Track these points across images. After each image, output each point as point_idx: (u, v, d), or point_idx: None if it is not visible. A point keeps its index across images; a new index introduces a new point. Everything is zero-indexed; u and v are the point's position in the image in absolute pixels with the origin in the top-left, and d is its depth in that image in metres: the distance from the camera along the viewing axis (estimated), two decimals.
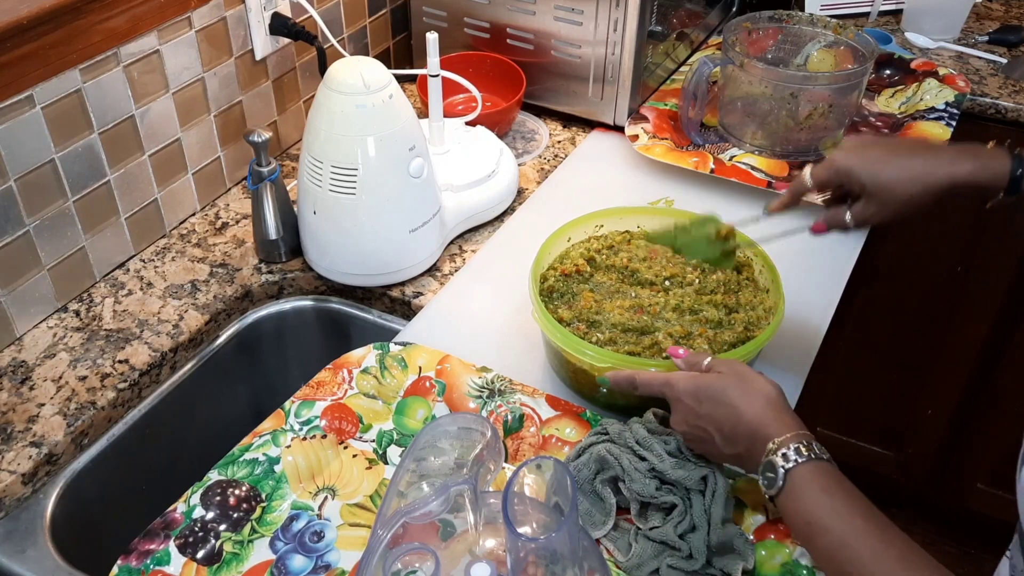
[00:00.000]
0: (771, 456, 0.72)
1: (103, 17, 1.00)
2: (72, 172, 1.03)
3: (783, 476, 0.70)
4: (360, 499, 0.86)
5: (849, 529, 0.67)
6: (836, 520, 0.68)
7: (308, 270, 1.15)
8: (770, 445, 0.72)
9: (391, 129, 1.03)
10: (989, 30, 1.65)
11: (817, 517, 0.69)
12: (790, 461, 0.71)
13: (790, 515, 0.71)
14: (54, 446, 0.92)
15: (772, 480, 0.71)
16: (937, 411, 1.87)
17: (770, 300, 0.97)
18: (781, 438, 0.72)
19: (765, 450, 0.72)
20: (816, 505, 0.69)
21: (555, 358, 0.96)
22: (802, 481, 0.70)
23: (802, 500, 0.70)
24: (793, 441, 0.71)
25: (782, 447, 0.71)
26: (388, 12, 1.49)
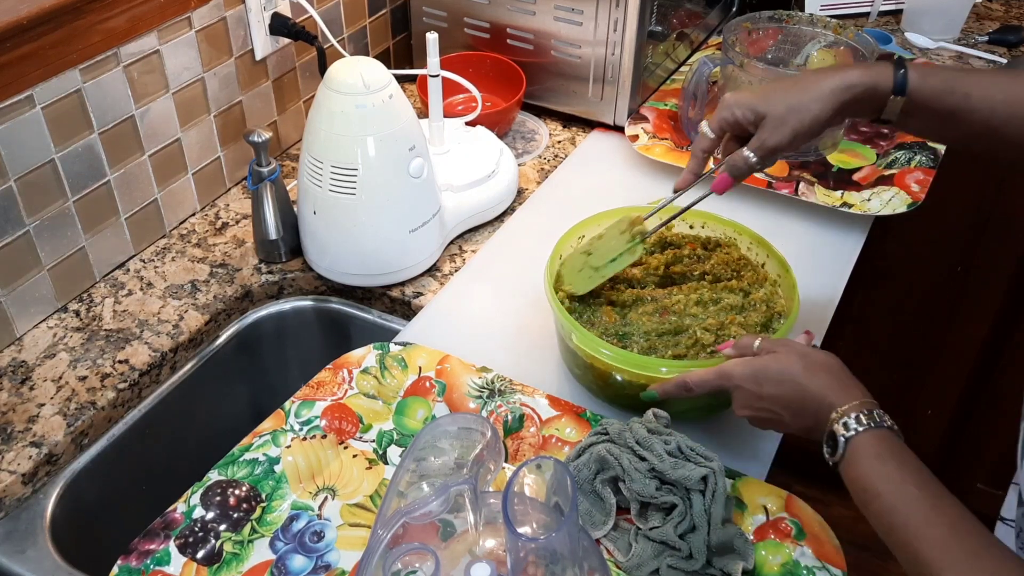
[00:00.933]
0: (833, 426, 0.73)
1: (103, 17, 1.00)
2: (72, 172, 1.03)
3: (843, 445, 0.71)
4: (360, 499, 0.86)
5: (901, 494, 0.68)
6: (888, 485, 0.69)
7: (308, 270, 1.15)
8: (833, 415, 0.73)
9: (391, 129, 1.03)
10: (989, 30, 1.65)
11: (871, 483, 0.69)
12: (851, 430, 0.72)
13: (849, 482, 0.72)
14: (54, 446, 0.92)
15: (833, 449, 0.72)
16: (937, 411, 1.87)
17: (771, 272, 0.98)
18: (844, 407, 0.73)
19: (828, 419, 0.73)
20: (871, 471, 0.70)
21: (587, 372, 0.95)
22: (860, 448, 0.71)
23: (859, 467, 0.71)
24: (855, 410, 0.73)
25: (844, 416, 0.72)
26: (388, 12, 1.49)
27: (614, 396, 0.94)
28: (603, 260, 0.97)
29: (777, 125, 0.84)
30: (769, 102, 0.84)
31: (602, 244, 0.99)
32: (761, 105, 0.85)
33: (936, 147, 1.29)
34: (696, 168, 0.91)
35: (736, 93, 0.87)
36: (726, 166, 0.88)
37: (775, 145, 0.85)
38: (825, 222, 1.22)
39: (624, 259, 0.96)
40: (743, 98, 0.86)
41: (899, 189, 1.22)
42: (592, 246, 0.99)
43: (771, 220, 1.03)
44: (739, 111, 0.86)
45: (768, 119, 0.84)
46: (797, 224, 1.21)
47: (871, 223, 1.23)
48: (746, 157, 0.86)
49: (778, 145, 0.85)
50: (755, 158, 0.86)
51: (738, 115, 0.86)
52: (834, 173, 1.28)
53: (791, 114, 0.83)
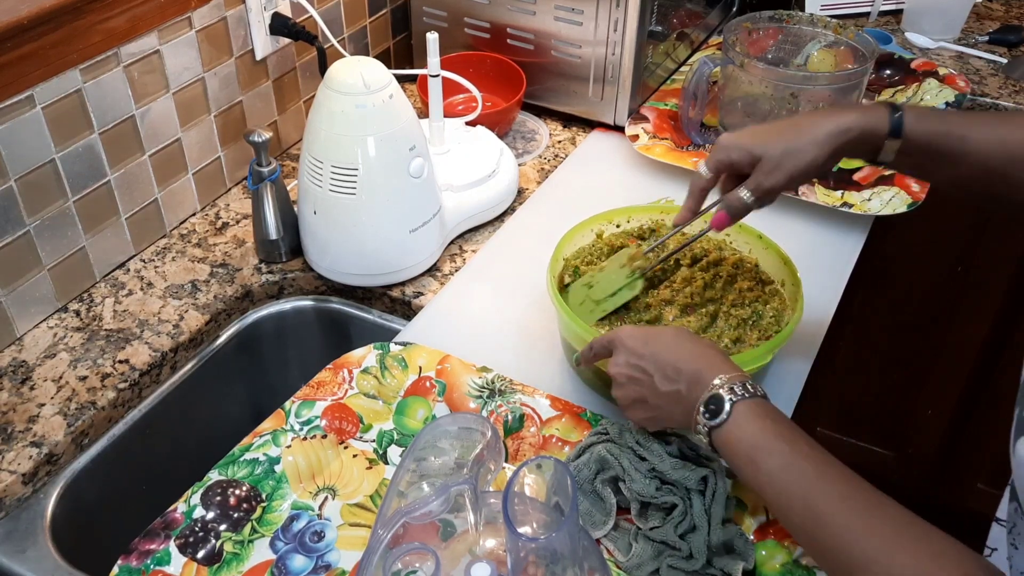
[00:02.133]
0: (718, 390, 0.74)
1: (103, 17, 1.00)
2: (72, 172, 1.03)
3: (729, 407, 0.73)
4: (360, 499, 0.86)
5: (795, 452, 0.70)
6: (782, 444, 0.70)
7: (308, 270, 1.15)
8: (716, 381, 0.75)
9: (391, 129, 1.03)
10: (989, 30, 1.65)
11: (763, 442, 0.71)
12: (737, 395, 0.73)
13: (733, 443, 0.73)
14: (54, 446, 0.92)
15: (716, 411, 0.74)
16: (937, 411, 1.87)
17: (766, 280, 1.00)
18: (728, 376, 0.75)
19: (710, 386, 0.75)
20: (762, 431, 0.72)
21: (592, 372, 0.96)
22: (748, 411, 0.73)
23: (747, 427, 0.72)
24: (739, 380, 0.75)
25: (729, 383, 0.74)
26: (388, 12, 1.49)
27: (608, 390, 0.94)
28: (604, 294, 0.97)
29: (773, 169, 0.85)
30: (765, 145, 0.85)
31: (603, 277, 0.99)
32: (757, 148, 0.86)
33: None
34: (694, 206, 0.92)
35: (732, 134, 0.88)
36: (723, 205, 0.90)
37: (771, 187, 0.86)
38: (825, 222, 1.22)
39: (624, 294, 0.97)
40: (740, 140, 0.87)
41: (899, 189, 1.22)
42: (593, 279, 0.99)
43: (771, 220, 1.03)
44: (735, 154, 0.87)
45: (764, 162, 0.85)
46: (797, 224, 1.21)
47: (871, 223, 1.23)
48: (742, 198, 0.87)
49: (774, 187, 0.86)
50: (751, 199, 0.87)
51: (734, 157, 0.87)
52: (834, 173, 1.28)
53: (787, 158, 0.84)
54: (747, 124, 1.31)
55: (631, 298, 0.97)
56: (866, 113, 0.85)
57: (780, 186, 0.86)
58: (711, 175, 0.90)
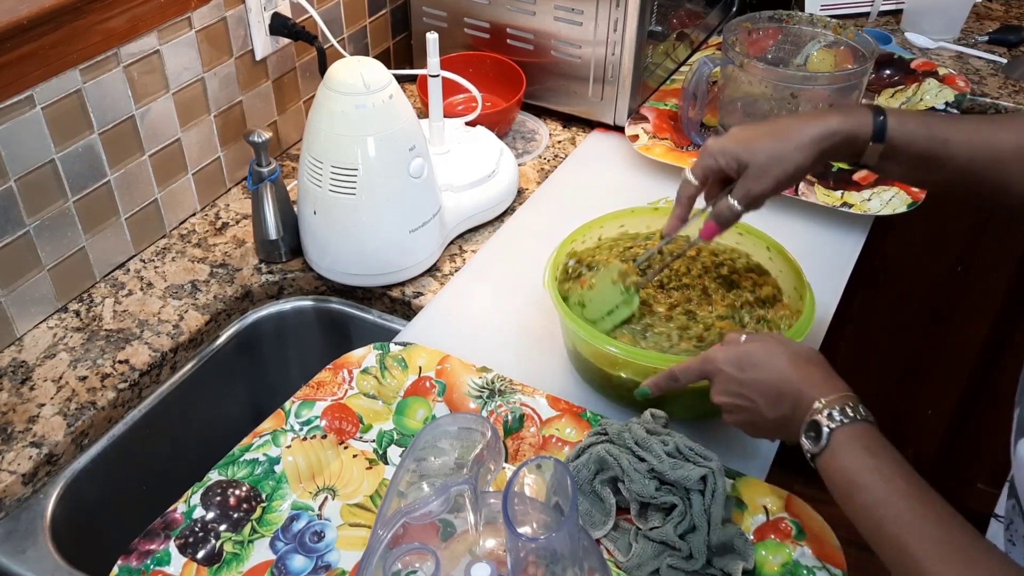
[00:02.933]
0: (816, 416, 0.72)
1: (103, 17, 1.00)
2: (72, 172, 1.03)
3: (827, 436, 0.71)
4: (360, 499, 0.86)
5: (890, 487, 0.68)
6: (878, 478, 0.68)
7: (308, 270, 1.15)
8: (816, 405, 0.73)
9: (391, 129, 1.03)
10: (989, 30, 1.65)
11: (858, 475, 0.69)
12: (835, 421, 0.71)
13: (831, 473, 0.71)
14: (54, 446, 0.92)
15: (815, 439, 0.72)
16: (937, 411, 1.87)
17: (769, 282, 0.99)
18: (828, 398, 0.73)
19: (811, 410, 0.73)
20: (858, 463, 0.70)
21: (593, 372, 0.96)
22: (846, 440, 0.71)
23: (845, 458, 0.70)
24: (839, 402, 0.72)
25: (829, 407, 0.72)
26: (388, 12, 1.49)
27: (621, 394, 0.94)
28: (599, 313, 0.95)
29: (760, 175, 0.85)
30: (751, 151, 0.85)
31: (595, 296, 0.97)
32: (744, 154, 0.85)
33: None
34: (682, 214, 0.92)
35: (718, 140, 0.88)
36: (712, 214, 0.89)
37: (759, 193, 0.86)
38: (825, 222, 1.22)
39: (621, 311, 0.95)
40: (726, 146, 0.87)
41: (899, 189, 1.22)
42: (584, 297, 0.97)
43: (771, 220, 1.03)
44: (722, 159, 0.87)
45: (751, 168, 0.85)
46: (797, 224, 1.21)
47: (871, 223, 1.23)
48: (731, 205, 0.87)
49: (762, 193, 0.86)
50: (740, 206, 0.87)
51: (721, 163, 0.87)
52: (834, 173, 1.28)
53: (773, 163, 0.84)
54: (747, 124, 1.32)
55: (629, 315, 0.95)
56: (849, 116, 0.85)
57: (768, 192, 0.85)
58: (698, 182, 0.89)
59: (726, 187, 0.89)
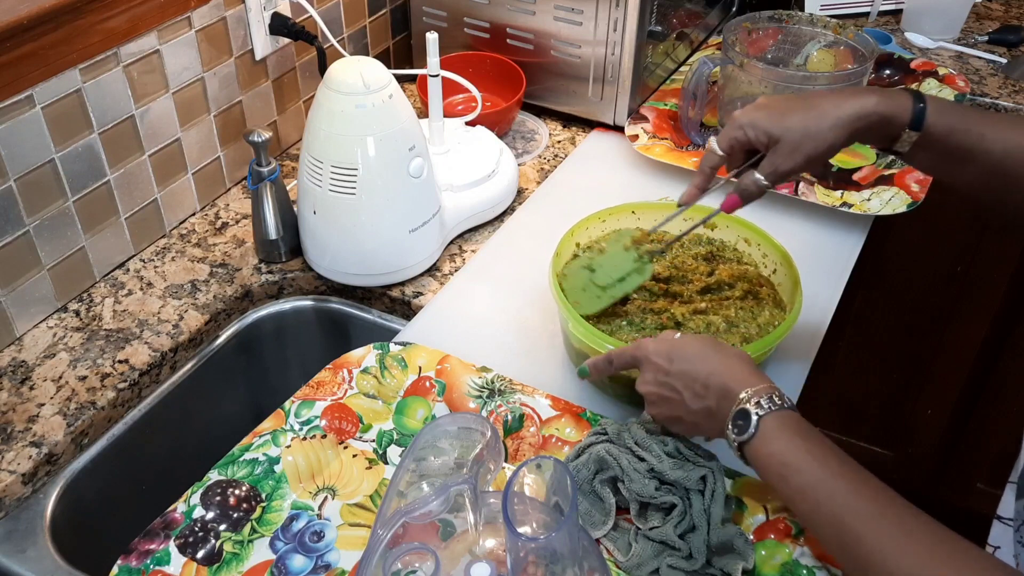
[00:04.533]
0: (744, 404, 0.73)
1: (103, 17, 1.00)
2: (72, 172, 1.03)
3: (756, 423, 0.72)
4: (360, 499, 0.86)
5: (824, 468, 0.69)
6: (811, 460, 0.69)
7: (308, 270, 1.15)
8: (743, 395, 0.74)
9: (391, 129, 1.03)
10: (989, 30, 1.65)
11: (792, 458, 0.70)
12: (763, 408, 0.72)
13: (762, 458, 0.72)
14: (54, 446, 0.92)
15: (744, 427, 0.73)
16: (937, 411, 1.87)
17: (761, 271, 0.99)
18: (755, 388, 0.74)
19: (737, 400, 0.74)
20: (790, 447, 0.71)
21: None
22: (775, 425, 0.72)
23: (776, 443, 0.71)
24: (766, 392, 0.73)
25: (756, 396, 0.73)
26: (388, 12, 1.49)
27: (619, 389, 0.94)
28: (610, 279, 0.94)
29: (791, 151, 0.82)
30: (784, 127, 0.82)
31: (606, 260, 0.95)
32: (775, 129, 0.83)
33: None
34: (702, 184, 0.90)
35: (748, 112, 0.85)
36: (736, 188, 0.87)
37: (788, 170, 0.83)
38: (825, 222, 1.22)
39: (633, 279, 0.94)
40: (756, 118, 0.84)
41: (899, 189, 1.22)
42: (594, 261, 0.95)
43: (771, 220, 1.03)
44: (752, 132, 0.84)
45: (782, 144, 0.83)
46: (797, 224, 1.21)
47: (871, 223, 1.23)
48: (757, 180, 0.85)
49: (791, 170, 0.83)
50: (766, 182, 0.85)
51: (751, 136, 0.84)
52: (834, 173, 1.28)
53: (806, 140, 0.82)
54: None
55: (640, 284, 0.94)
56: (889, 98, 0.82)
57: (797, 169, 0.83)
58: (724, 154, 0.87)
59: (749, 158, 0.87)
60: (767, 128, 0.83)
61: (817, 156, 0.83)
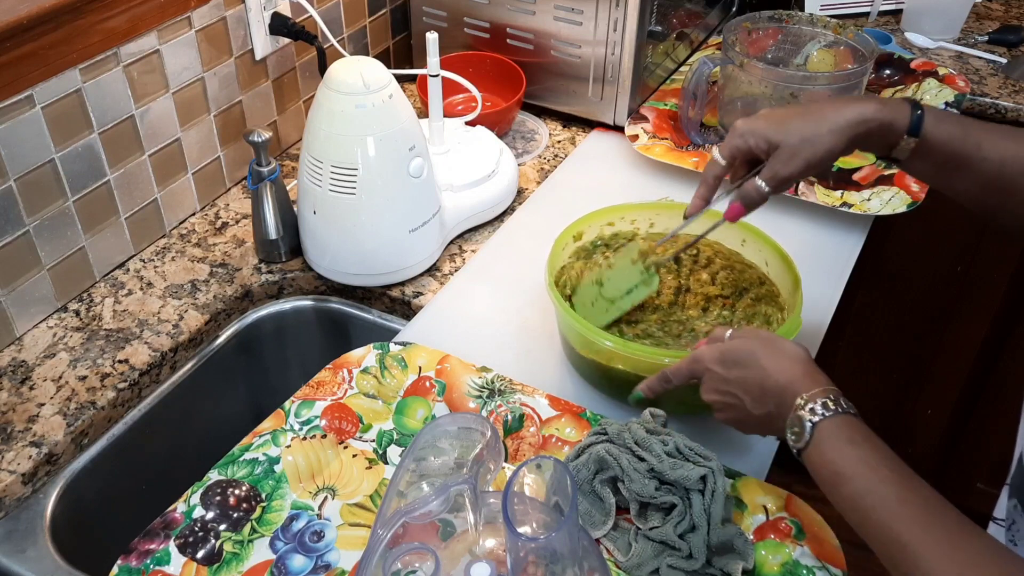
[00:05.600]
0: (799, 411, 0.73)
1: (103, 17, 1.00)
2: (72, 172, 1.03)
3: (810, 430, 0.71)
4: (360, 499, 0.86)
5: (876, 477, 0.68)
6: (863, 468, 0.69)
7: (308, 270, 1.15)
8: (798, 401, 0.73)
9: (391, 129, 1.03)
10: (989, 30, 1.65)
11: (843, 466, 0.69)
12: (817, 415, 0.72)
13: (816, 467, 0.72)
14: (54, 446, 0.92)
15: (799, 434, 0.72)
16: (937, 411, 1.87)
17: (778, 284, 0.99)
18: (809, 393, 0.73)
19: (793, 406, 0.73)
20: (842, 455, 0.70)
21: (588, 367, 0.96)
22: (829, 433, 0.71)
23: (828, 451, 0.70)
24: (820, 396, 0.72)
25: (810, 402, 0.72)
26: (388, 12, 1.49)
27: (617, 388, 0.94)
28: (618, 292, 0.95)
29: (790, 156, 0.83)
30: (783, 132, 0.84)
31: (614, 274, 0.96)
32: (775, 135, 0.84)
33: None
34: (706, 194, 0.90)
35: (749, 120, 0.86)
36: (738, 195, 0.88)
37: (788, 176, 0.84)
38: (825, 222, 1.22)
39: (640, 291, 0.95)
40: (756, 126, 0.85)
41: (899, 189, 1.22)
42: (602, 275, 0.96)
43: (771, 220, 1.03)
44: (752, 140, 0.85)
45: (782, 149, 0.84)
46: (797, 224, 1.21)
47: (871, 223, 1.23)
48: (758, 187, 0.86)
49: (791, 175, 0.84)
50: (767, 188, 0.85)
51: (751, 143, 0.85)
52: (834, 173, 1.28)
53: (805, 146, 0.83)
54: None
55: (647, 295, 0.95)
56: (887, 106, 0.83)
57: (797, 175, 0.84)
58: (726, 163, 0.88)
59: (753, 169, 0.88)
60: (767, 135, 0.84)
61: (816, 161, 0.83)
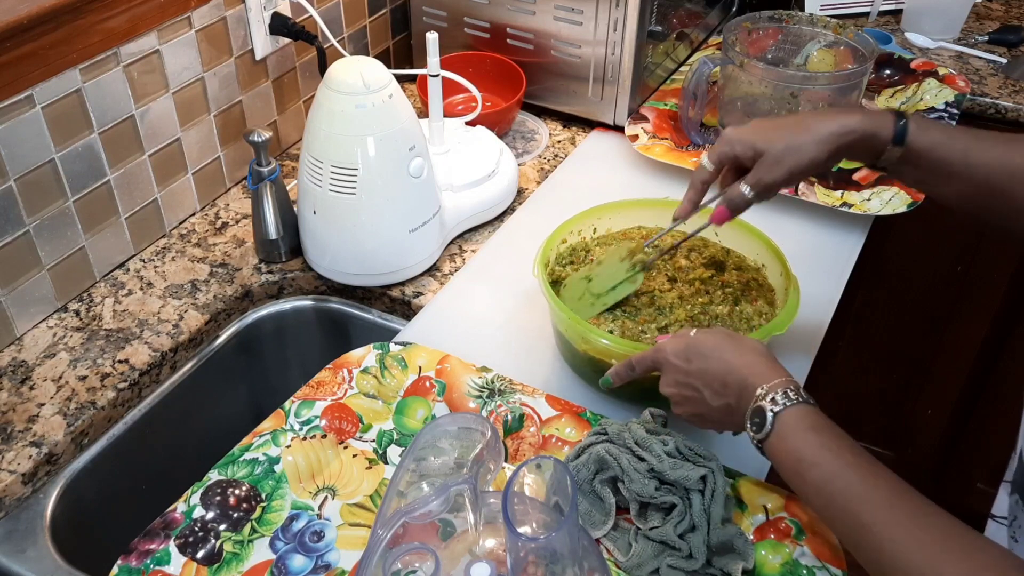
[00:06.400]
0: (759, 402, 0.74)
1: (103, 17, 1.00)
2: (72, 172, 1.03)
3: (771, 419, 0.73)
4: (360, 499, 0.86)
5: (840, 463, 0.69)
6: (826, 454, 0.70)
7: (308, 270, 1.15)
8: (759, 391, 0.74)
9: (391, 129, 1.03)
10: (989, 30, 1.65)
11: (807, 454, 0.70)
12: (779, 405, 0.73)
13: (779, 455, 0.73)
14: (54, 446, 0.92)
15: (760, 424, 0.73)
16: (937, 411, 1.87)
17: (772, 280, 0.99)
18: (770, 384, 0.74)
19: (753, 397, 0.74)
20: (805, 443, 0.71)
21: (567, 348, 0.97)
22: (791, 421, 0.72)
23: (791, 439, 0.72)
24: (780, 387, 0.74)
25: (770, 392, 0.74)
26: (388, 12, 1.49)
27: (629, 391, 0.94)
28: (603, 288, 0.97)
29: (774, 163, 0.85)
30: (768, 140, 0.86)
31: (602, 271, 0.98)
32: (760, 143, 0.86)
33: None
34: (695, 198, 0.92)
35: (736, 128, 0.88)
36: (724, 199, 0.90)
37: (771, 182, 0.86)
38: (825, 222, 1.22)
39: (625, 287, 0.97)
40: (743, 134, 0.88)
41: (899, 189, 1.22)
42: (592, 271, 0.99)
43: (771, 220, 1.03)
44: (739, 147, 0.87)
45: (766, 157, 0.86)
46: (797, 224, 1.21)
47: (871, 223, 1.23)
48: (742, 192, 0.88)
49: (774, 182, 0.86)
50: (751, 193, 0.87)
51: (737, 151, 0.88)
52: (834, 173, 1.28)
53: (788, 154, 0.85)
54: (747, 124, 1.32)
55: (631, 292, 0.97)
56: (871, 117, 0.85)
57: (780, 182, 0.86)
58: (713, 168, 0.90)
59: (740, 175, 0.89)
60: (752, 142, 0.87)
61: (799, 169, 0.85)
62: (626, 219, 1.07)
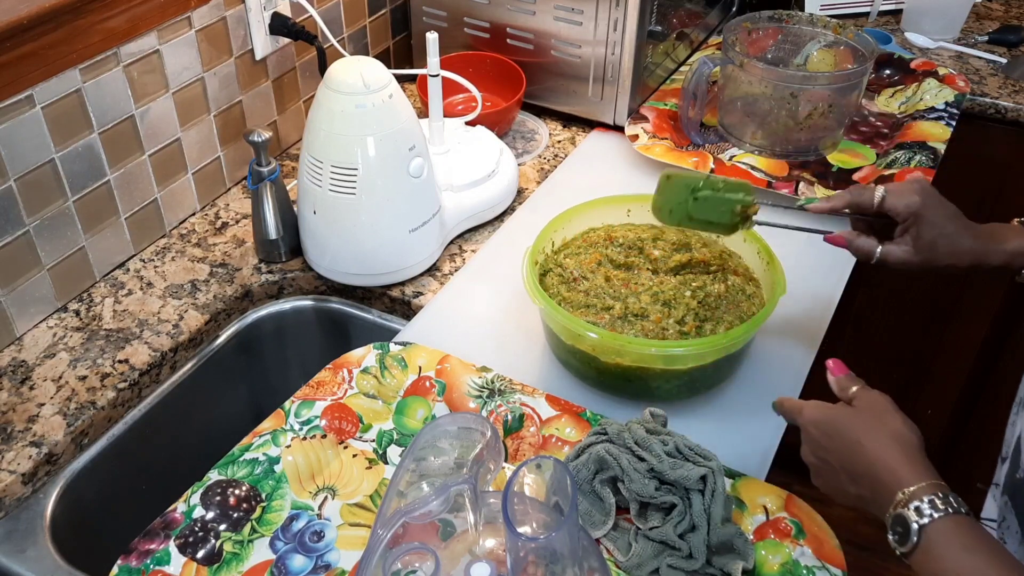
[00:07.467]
0: (901, 509, 0.65)
1: (103, 17, 1.00)
2: (72, 172, 1.03)
3: (917, 531, 0.64)
4: (360, 499, 0.86)
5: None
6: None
7: (308, 270, 1.15)
8: (899, 495, 0.66)
9: (391, 129, 1.03)
10: (989, 30, 1.65)
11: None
12: (924, 516, 0.64)
13: (924, 572, 0.64)
14: (54, 446, 0.92)
15: (903, 536, 0.65)
16: (937, 411, 1.87)
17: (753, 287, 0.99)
18: (912, 488, 0.65)
19: (894, 500, 0.66)
20: (959, 566, 0.62)
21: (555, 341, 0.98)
22: (940, 538, 0.63)
23: (942, 560, 0.63)
24: (926, 492, 0.65)
25: (914, 499, 0.65)
26: (388, 12, 1.49)
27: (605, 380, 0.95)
28: (702, 215, 0.96)
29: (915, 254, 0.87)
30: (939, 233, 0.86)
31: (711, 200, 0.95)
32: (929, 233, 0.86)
33: (936, 146, 1.29)
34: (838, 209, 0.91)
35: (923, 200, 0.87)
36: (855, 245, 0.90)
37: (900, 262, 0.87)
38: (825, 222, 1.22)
39: (716, 230, 0.97)
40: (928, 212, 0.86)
41: None
42: (702, 193, 0.96)
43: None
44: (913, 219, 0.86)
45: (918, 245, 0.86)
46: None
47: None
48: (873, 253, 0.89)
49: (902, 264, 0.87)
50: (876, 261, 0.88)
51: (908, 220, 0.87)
52: (834, 173, 1.28)
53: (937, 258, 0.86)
54: (747, 124, 1.32)
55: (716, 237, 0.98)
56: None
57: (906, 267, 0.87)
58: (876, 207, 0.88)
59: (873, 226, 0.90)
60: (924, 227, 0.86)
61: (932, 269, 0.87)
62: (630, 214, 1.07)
